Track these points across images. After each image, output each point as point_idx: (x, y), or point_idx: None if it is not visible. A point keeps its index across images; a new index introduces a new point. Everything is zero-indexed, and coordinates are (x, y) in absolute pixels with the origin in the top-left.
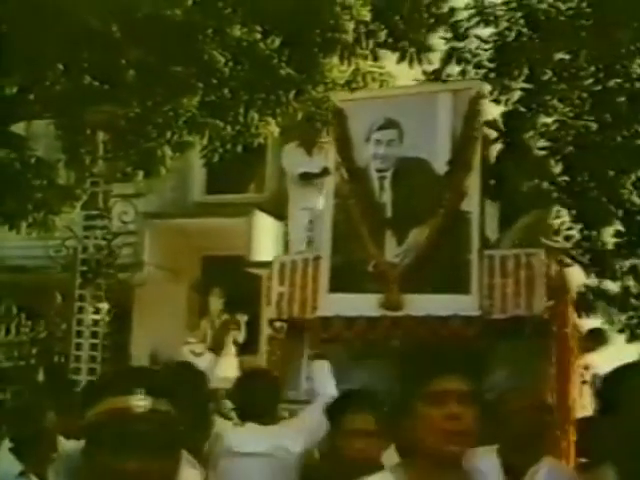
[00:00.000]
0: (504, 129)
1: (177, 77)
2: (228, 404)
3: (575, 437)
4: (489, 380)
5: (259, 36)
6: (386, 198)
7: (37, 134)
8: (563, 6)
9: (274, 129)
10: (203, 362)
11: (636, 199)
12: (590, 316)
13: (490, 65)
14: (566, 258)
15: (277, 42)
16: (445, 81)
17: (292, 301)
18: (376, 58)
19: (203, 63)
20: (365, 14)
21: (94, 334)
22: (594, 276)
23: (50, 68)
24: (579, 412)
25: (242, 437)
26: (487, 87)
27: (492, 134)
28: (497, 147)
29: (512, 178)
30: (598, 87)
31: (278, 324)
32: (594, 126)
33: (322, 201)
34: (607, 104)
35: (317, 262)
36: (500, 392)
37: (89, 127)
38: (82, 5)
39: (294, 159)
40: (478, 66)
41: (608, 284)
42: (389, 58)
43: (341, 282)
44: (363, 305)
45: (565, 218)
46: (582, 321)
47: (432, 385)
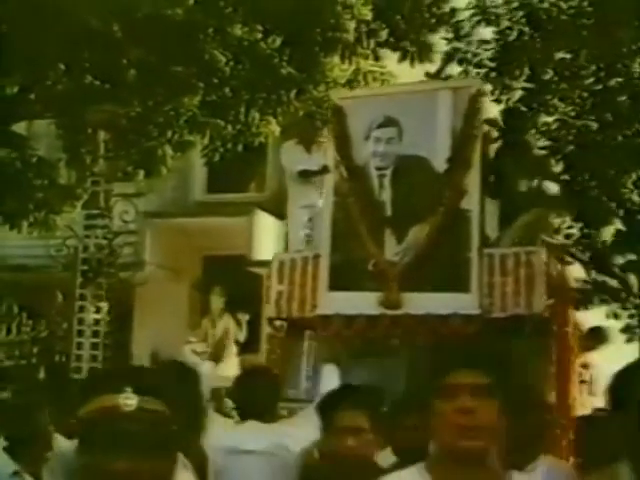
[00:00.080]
0: (504, 127)
1: (178, 76)
2: (229, 403)
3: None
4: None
5: (260, 35)
6: (385, 196)
7: (38, 133)
8: (564, 5)
9: (275, 128)
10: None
11: (637, 198)
12: (589, 308)
13: (491, 64)
14: (566, 256)
15: (278, 41)
16: (445, 79)
17: (291, 300)
18: (377, 58)
19: (204, 62)
20: (366, 13)
21: (95, 333)
22: (594, 272)
23: (51, 68)
24: (579, 411)
25: (242, 435)
26: (488, 87)
27: (492, 132)
28: (497, 145)
29: (512, 176)
30: (599, 86)
31: (278, 323)
32: (595, 125)
33: (321, 199)
34: (608, 103)
35: (316, 260)
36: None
37: (90, 126)
38: (83, 5)
39: (293, 157)
40: (479, 66)
41: (608, 279)
42: (390, 57)
43: (341, 280)
44: (363, 303)
45: (566, 217)
46: (583, 320)
47: (445, 379)
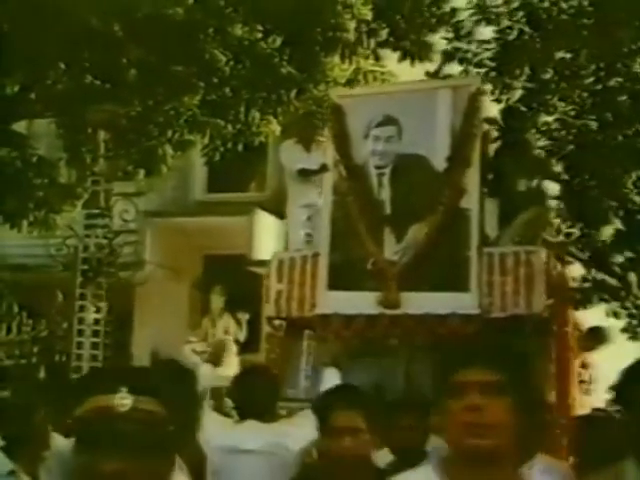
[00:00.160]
0: (504, 126)
1: (178, 76)
2: (229, 402)
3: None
4: None
5: (260, 35)
6: (385, 195)
7: (38, 133)
8: (564, 5)
9: (275, 128)
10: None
11: (637, 198)
12: (588, 308)
13: (491, 64)
14: (566, 255)
15: (278, 41)
16: (445, 77)
17: (290, 299)
18: (377, 58)
19: (204, 62)
20: (366, 13)
21: (95, 333)
22: (594, 271)
23: (51, 67)
24: (579, 411)
25: (241, 434)
26: (488, 86)
27: (492, 131)
28: (496, 144)
29: (511, 175)
30: (599, 86)
31: (277, 322)
32: (595, 125)
33: (321, 198)
34: (608, 103)
35: (315, 259)
36: None
37: (90, 126)
38: (83, 4)
39: (292, 155)
40: (479, 65)
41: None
42: (390, 57)
43: (340, 280)
44: (362, 303)
45: (565, 214)
46: (583, 319)
47: (455, 377)
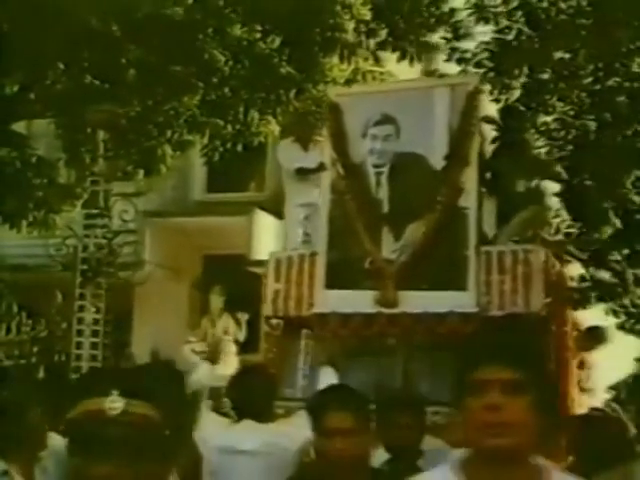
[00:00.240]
0: (502, 125)
1: (177, 76)
2: (229, 402)
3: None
4: None
5: (259, 35)
6: (382, 194)
7: (38, 133)
8: (563, 5)
9: (274, 128)
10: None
11: (636, 198)
12: (587, 308)
13: (490, 64)
14: (564, 254)
15: (277, 41)
16: (442, 76)
17: (288, 298)
18: (377, 60)
19: (203, 62)
20: (365, 13)
21: (95, 333)
22: (592, 269)
23: (51, 67)
24: (576, 410)
25: (238, 434)
26: (487, 87)
27: (490, 131)
28: (494, 142)
29: (509, 174)
30: (598, 86)
31: (274, 321)
32: (593, 125)
33: (318, 197)
34: (607, 103)
35: (313, 258)
36: None
37: (90, 126)
38: (82, 4)
39: (290, 154)
40: (478, 65)
41: (604, 275)
42: (389, 57)
43: (337, 278)
44: (359, 302)
45: (564, 216)
46: (582, 319)
47: (474, 374)
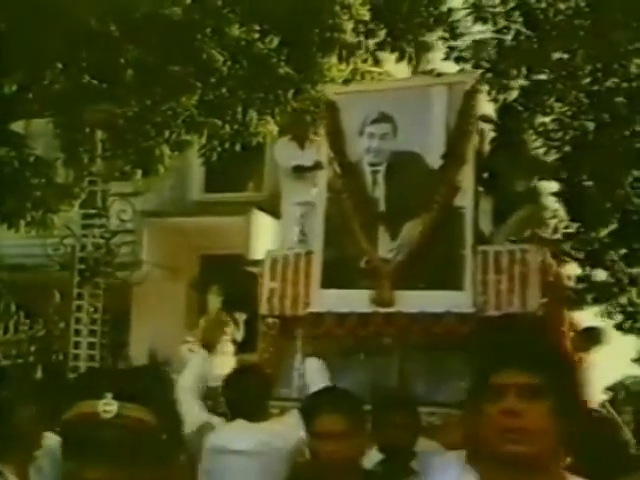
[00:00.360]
0: (499, 124)
1: (175, 76)
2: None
3: None
4: None
5: (257, 35)
6: (379, 193)
7: (36, 133)
8: (562, 5)
9: (273, 128)
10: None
11: (634, 198)
12: (583, 308)
13: (487, 65)
14: (561, 254)
15: (276, 41)
16: (440, 74)
17: (284, 297)
18: (376, 60)
19: (201, 62)
20: (364, 13)
21: (92, 332)
22: (588, 269)
23: (49, 67)
24: None
25: (230, 434)
26: (485, 87)
27: (488, 131)
28: (492, 141)
29: (507, 173)
30: (596, 87)
31: (270, 320)
32: (592, 125)
33: (315, 196)
34: (605, 103)
35: (309, 257)
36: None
37: (88, 126)
38: (81, 4)
39: (286, 153)
40: (477, 66)
41: (599, 274)
42: (388, 57)
43: (333, 278)
44: (355, 301)
45: (562, 215)
46: (579, 319)
47: (492, 379)
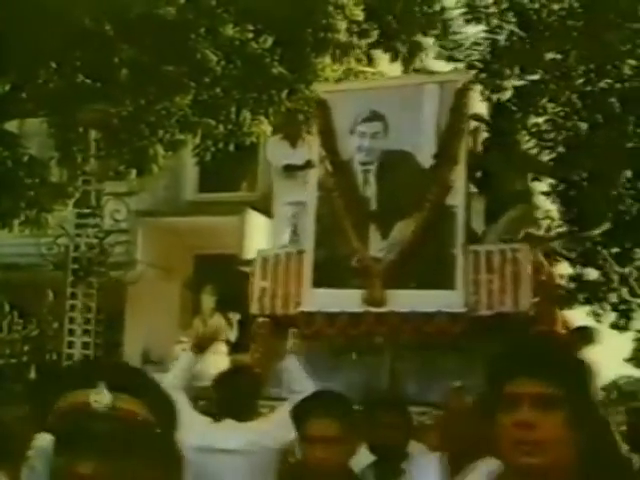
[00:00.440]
0: (492, 123)
1: (170, 76)
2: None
3: None
4: (473, 380)
5: (251, 35)
6: (370, 192)
7: (30, 132)
8: (555, 6)
9: (266, 128)
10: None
11: (627, 199)
12: (573, 308)
13: (481, 65)
14: (553, 254)
15: (269, 41)
16: (432, 72)
17: (275, 296)
18: (370, 60)
19: (195, 62)
20: (358, 14)
21: (86, 332)
22: (579, 267)
23: (43, 66)
24: None
25: (218, 434)
26: (478, 87)
27: (481, 131)
28: (484, 140)
29: (499, 172)
30: (589, 87)
31: (261, 320)
32: (585, 126)
33: (306, 195)
34: (598, 104)
35: (300, 256)
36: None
37: (82, 125)
38: (75, 4)
39: (278, 151)
40: (470, 67)
41: (591, 274)
42: (381, 57)
43: (324, 277)
44: (347, 301)
45: (555, 215)
46: (572, 319)
47: (505, 388)
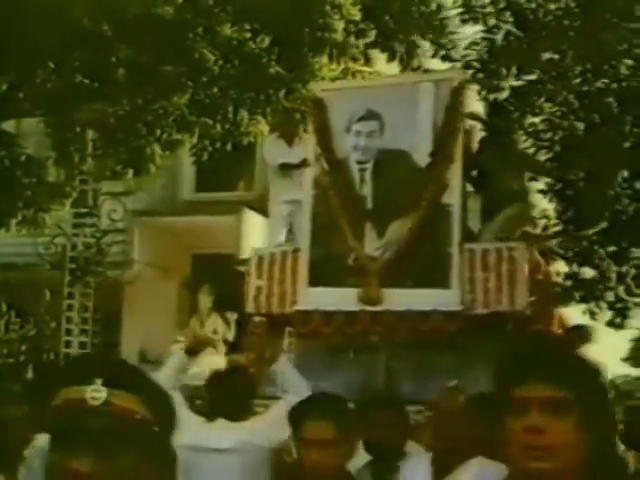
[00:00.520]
0: (488, 121)
1: (167, 75)
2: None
3: None
4: (469, 378)
5: (249, 35)
6: (366, 190)
7: (27, 132)
8: (552, 6)
9: (264, 128)
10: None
11: (624, 199)
12: (569, 305)
13: (478, 65)
14: (550, 252)
15: (267, 41)
16: (427, 71)
17: (270, 295)
18: (367, 60)
19: (193, 61)
20: (355, 13)
21: (83, 332)
22: (576, 266)
23: (41, 66)
24: None
25: (211, 433)
26: (475, 87)
27: (477, 129)
28: (480, 139)
29: (495, 171)
30: (586, 87)
31: (257, 319)
32: (581, 126)
33: (302, 193)
34: (595, 104)
35: (296, 255)
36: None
37: (79, 125)
38: (73, 4)
39: (274, 150)
40: (467, 67)
41: (587, 272)
42: (379, 57)
43: (320, 276)
44: (343, 299)
45: (551, 214)
46: (569, 317)
47: (514, 392)
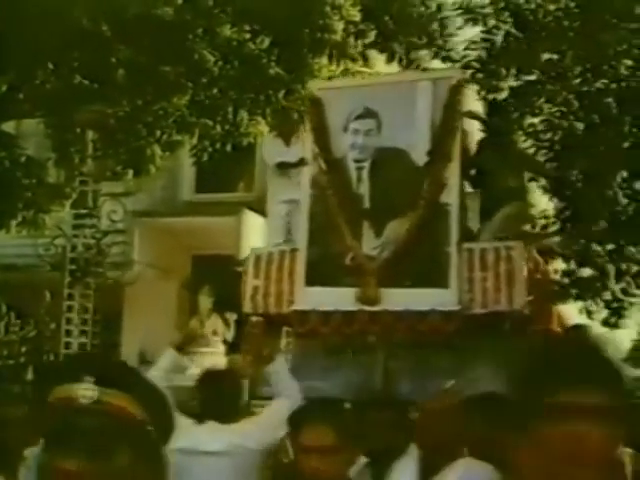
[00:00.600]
0: (487, 120)
1: (167, 76)
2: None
3: None
4: (468, 378)
5: (249, 35)
6: (364, 189)
7: (27, 133)
8: (551, 6)
9: (264, 128)
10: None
11: (622, 199)
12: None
13: (477, 65)
14: (548, 251)
15: (266, 42)
16: (425, 69)
17: (267, 295)
18: (366, 60)
19: (193, 62)
20: (355, 14)
21: (83, 333)
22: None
23: (40, 67)
24: None
25: (200, 436)
26: (474, 87)
27: (474, 126)
28: (479, 138)
29: (494, 170)
30: (585, 87)
31: (254, 319)
32: (581, 126)
33: (300, 193)
34: (595, 105)
35: (293, 255)
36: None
37: (79, 126)
38: (72, 5)
39: (272, 149)
40: (466, 67)
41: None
42: (378, 57)
43: (318, 275)
44: (340, 299)
45: (550, 213)
46: (568, 316)
47: (555, 397)
